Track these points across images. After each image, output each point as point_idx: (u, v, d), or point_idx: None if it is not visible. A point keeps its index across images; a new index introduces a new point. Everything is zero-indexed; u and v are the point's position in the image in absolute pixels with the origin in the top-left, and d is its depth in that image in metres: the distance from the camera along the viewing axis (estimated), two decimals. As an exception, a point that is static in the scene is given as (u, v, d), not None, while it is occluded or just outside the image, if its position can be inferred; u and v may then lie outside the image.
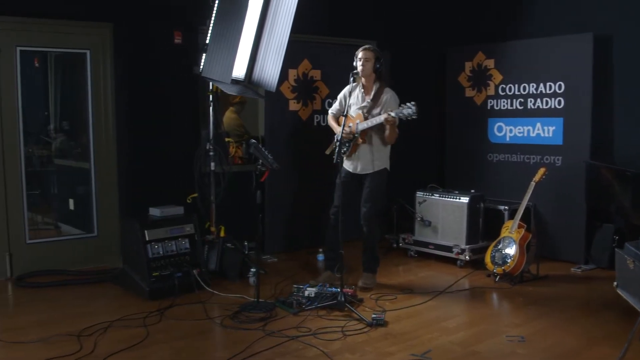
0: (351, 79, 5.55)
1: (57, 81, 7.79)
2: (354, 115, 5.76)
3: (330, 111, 6.10)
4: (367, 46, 5.77)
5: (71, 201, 7.45)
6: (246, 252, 6.50)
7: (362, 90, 5.82)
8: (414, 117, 5.40)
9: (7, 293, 5.93)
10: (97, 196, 6.74)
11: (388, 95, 5.79)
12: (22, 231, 6.37)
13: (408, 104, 5.42)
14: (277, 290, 5.71)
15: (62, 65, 7.71)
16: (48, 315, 5.18)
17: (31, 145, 6.90)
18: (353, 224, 5.97)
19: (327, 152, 6.02)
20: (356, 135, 5.71)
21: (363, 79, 5.76)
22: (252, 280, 5.90)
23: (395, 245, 7.40)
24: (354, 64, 5.73)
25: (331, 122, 6.04)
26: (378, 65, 5.73)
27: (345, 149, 5.76)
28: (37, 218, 7.05)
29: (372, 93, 5.76)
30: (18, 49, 6.25)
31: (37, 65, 7.41)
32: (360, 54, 5.71)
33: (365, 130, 5.68)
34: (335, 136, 5.74)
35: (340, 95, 6.01)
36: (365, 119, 5.68)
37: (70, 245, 6.71)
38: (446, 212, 6.91)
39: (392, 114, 5.45)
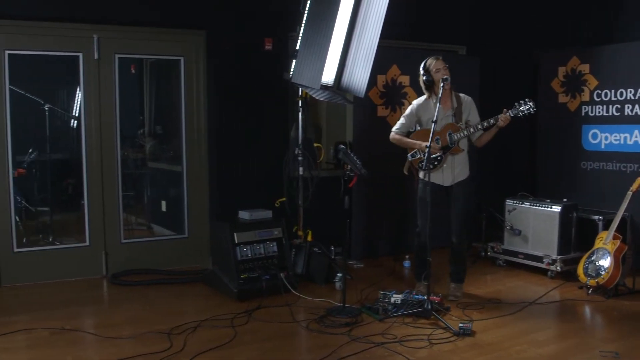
0: (442, 85, 5.43)
1: (151, 87, 8.06)
2: (440, 128, 5.55)
3: (395, 130, 5.76)
4: (436, 56, 5.62)
5: (163, 203, 7.69)
6: (332, 256, 6.52)
7: (438, 100, 5.39)
8: (532, 112, 5.32)
9: (102, 290, 6.19)
10: (188, 198, 6.94)
11: (468, 98, 5.68)
12: (118, 231, 6.64)
13: (523, 100, 5.34)
14: (363, 296, 5.71)
15: (157, 72, 7.98)
16: (140, 312, 5.37)
17: (126, 148, 7.16)
18: (440, 232, 5.87)
19: (406, 171, 5.87)
20: (451, 145, 5.57)
21: (438, 89, 5.49)
22: (338, 285, 5.92)
23: (483, 253, 7.26)
24: (425, 77, 5.55)
25: (404, 140, 5.72)
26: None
27: (437, 163, 5.62)
28: (131, 218, 7.31)
29: (453, 100, 5.64)
30: (117, 56, 6.51)
31: (133, 71, 7.69)
32: (436, 64, 5.50)
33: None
34: (411, 153, 5.69)
35: (409, 112, 5.73)
36: (457, 128, 5.54)
37: (162, 246, 6.94)
38: (537, 221, 6.73)
39: (510, 113, 5.36)
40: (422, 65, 5.61)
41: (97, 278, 6.46)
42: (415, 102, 5.78)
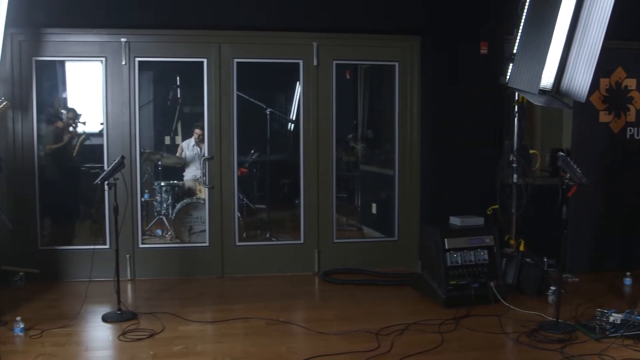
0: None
1: (365, 91, 8.25)
2: None
3: None
4: None
5: (374, 205, 7.83)
6: (545, 268, 6.25)
7: None
8: None
9: (314, 286, 6.46)
10: (400, 202, 7.00)
11: None
12: (330, 231, 6.88)
13: None
14: (578, 313, 5.38)
15: (370, 77, 8.16)
16: (349, 310, 5.51)
17: (340, 151, 7.38)
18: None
19: None
20: None
21: None
22: (551, 298, 5.66)
23: None
24: None
25: None
26: None
27: None
28: (342, 219, 7.54)
29: None
30: (334, 62, 6.76)
31: (348, 76, 7.93)
32: None
33: None
34: None
35: None
36: None
37: (371, 247, 7.09)
38: None
39: None
40: None
41: (309, 274, 6.75)
42: None
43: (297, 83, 6.87)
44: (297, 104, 7.28)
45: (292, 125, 8.62)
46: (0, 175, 3.94)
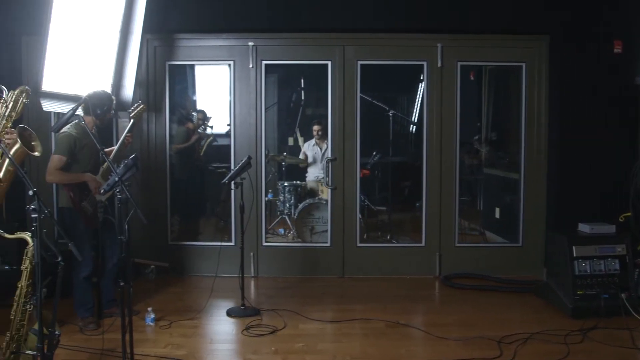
0: None
1: (489, 93, 8.09)
2: None
3: None
4: None
5: (497, 210, 7.66)
6: (683, 281, 5.89)
7: None
8: None
9: (434, 290, 6.39)
10: (525, 207, 6.79)
11: None
12: (452, 234, 6.78)
13: None
14: None
15: (495, 78, 7.98)
16: (470, 316, 5.42)
17: (463, 153, 7.27)
18: None
19: None
20: None
21: None
22: (689, 314, 5.32)
23: None
24: None
25: None
26: None
27: None
28: (464, 223, 7.42)
29: None
30: (459, 63, 6.67)
31: (472, 78, 7.80)
32: None
33: None
34: None
35: None
36: None
37: (494, 252, 6.92)
38: None
39: None
40: None
41: (429, 278, 6.69)
42: None
43: (420, 85, 6.82)
44: (419, 105, 7.23)
45: (414, 127, 8.58)
46: (137, 173, 4.17)
